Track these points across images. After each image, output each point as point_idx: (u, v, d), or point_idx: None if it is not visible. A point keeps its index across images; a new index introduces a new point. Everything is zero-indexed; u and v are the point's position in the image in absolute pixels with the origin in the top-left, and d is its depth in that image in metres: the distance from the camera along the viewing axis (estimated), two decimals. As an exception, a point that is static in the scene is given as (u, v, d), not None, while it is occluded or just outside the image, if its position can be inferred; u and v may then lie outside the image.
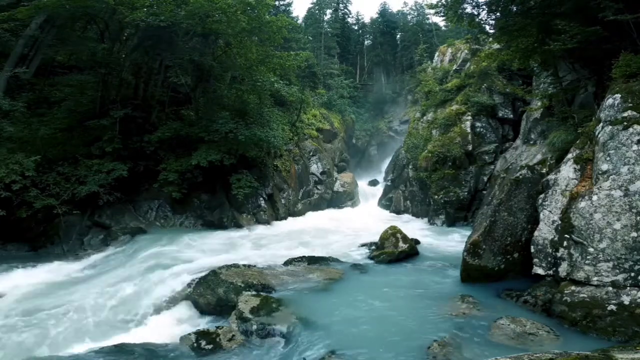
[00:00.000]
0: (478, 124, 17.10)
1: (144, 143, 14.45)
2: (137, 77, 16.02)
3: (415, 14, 46.52)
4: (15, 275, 9.39)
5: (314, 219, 18.40)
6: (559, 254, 6.42)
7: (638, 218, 5.71)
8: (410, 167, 19.43)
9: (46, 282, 9.03)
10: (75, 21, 14.46)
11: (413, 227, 15.46)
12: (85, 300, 7.63)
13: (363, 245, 11.86)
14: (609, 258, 5.81)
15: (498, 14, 10.91)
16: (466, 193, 15.95)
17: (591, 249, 5.99)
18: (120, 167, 12.97)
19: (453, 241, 12.30)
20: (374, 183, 27.76)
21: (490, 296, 7.09)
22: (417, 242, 11.67)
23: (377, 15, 49.31)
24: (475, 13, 11.47)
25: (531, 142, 13.75)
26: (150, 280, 8.55)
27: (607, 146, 6.31)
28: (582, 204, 6.27)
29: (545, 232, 6.77)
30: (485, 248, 7.65)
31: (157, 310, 7.49)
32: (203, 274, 7.99)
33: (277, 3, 32.05)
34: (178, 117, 16.48)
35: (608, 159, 6.24)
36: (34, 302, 7.73)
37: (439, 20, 39.80)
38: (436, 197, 16.21)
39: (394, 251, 10.22)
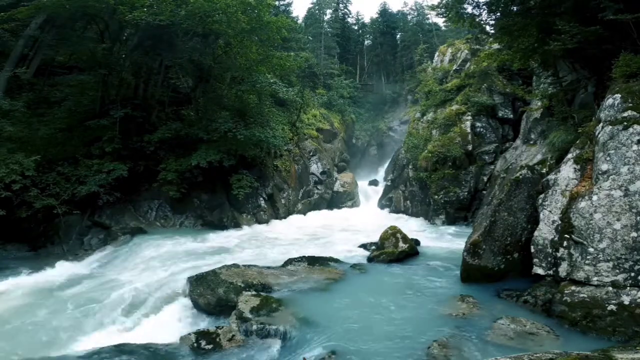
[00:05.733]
0: (478, 124, 17.10)
1: (144, 143, 14.46)
2: (137, 77, 16.03)
3: (415, 14, 46.58)
4: (15, 275, 9.38)
5: (314, 219, 18.41)
6: (559, 254, 6.41)
7: (638, 218, 5.71)
8: (410, 167, 19.42)
9: (46, 283, 9.02)
10: (75, 21, 14.47)
11: (413, 227, 15.47)
12: (85, 301, 7.64)
13: (363, 245, 11.86)
14: (609, 258, 5.81)
15: (498, 14, 10.90)
16: (466, 193, 15.96)
17: (591, 249, 5.99)
18: (120, 167, 12.97)
19: (453, 241, 12.30)
20: (374, 183, 27.72)
21: (490, 296, 7.09)
22: (417, 242, 11.67)
23: (377, 15, 49.33)
24: (476, 13, 11.47)
25: (531, 142, 13.75)
26: (150, 280, 8.55)
27: (607, 146, 6.31)
28: (582, 204, 6.27)
29: (545, 232, 6.76)
30: (485, 248, 7.65)
31: (157, 310, 7.48)
32: (203, 273, 7.98)
33: (277, 3, 32.05)
34: (178, 117, 16.49)
35: (608, 159, 6.23)
36: (33, 302, 7.73)
37: (439, 20, 39.79)
38: (436, 197, 16.21)
39: (394, 251, 10.22)
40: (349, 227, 16.02)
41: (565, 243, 6.35)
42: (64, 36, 14.24)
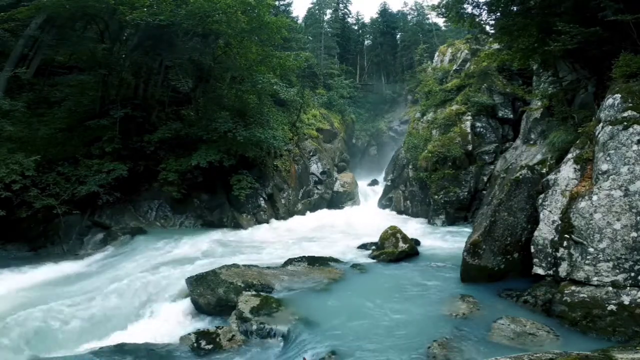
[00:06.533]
0: (478, 124, 17.09)
1: (144, 143, 14.45)
2: (137, 77, 16.02)
3: (415, 14, 46.63)
4: (15, 275, 9.36)
5: (314, 219, 18.39)
6: (559, 254, 6.41)
7: (638, 218, 5.71)
8: (410, 167, 19.42)
9: (46, 282, 9.02)
10: (75, 21, 14.46)
11: (413, 227, 15.46)
12: (84, 301, 7.63)
13: (363, 245, 11.85)
14: (609, 258, 5.81)
15: (498, 14, 10.90)
16: (466, 193, 15.95)
17: (591, 249, 5.99)
18: (120, 167, 12.97)
19: (453, 241, 12.30)
20: (374, 183, 27.74)
21: (490, 296, 7.09)
22: (417, 242, 11.66)
23: (377, 15, 49.42)
24: (476, 13, 11.47)
25: (531, 142, 13.74)
26: (150, 280, 8.54)
27: (607, 146, 6.31)
28: (582, 204, 6.27)
29: (545, 232, 6.77)
30: (485, 248, 7.65)
31: (157, 310, 7.48)
32: (203, 274, 7.98)
33: (277, 3, 32.04)
34: (178, 117, 16.48)
35: (608, 159, 6.23)
36: (33, 303, 7.71)
37: (439, 21, 39.88)
38: (436, 197, 16.21)
39: (394, 251, 10.22)
40: (349, 227, 16.01)
41: (565, 243, 6.35)
42: (64, 36, 14.23)
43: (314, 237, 14.01)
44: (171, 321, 7.15)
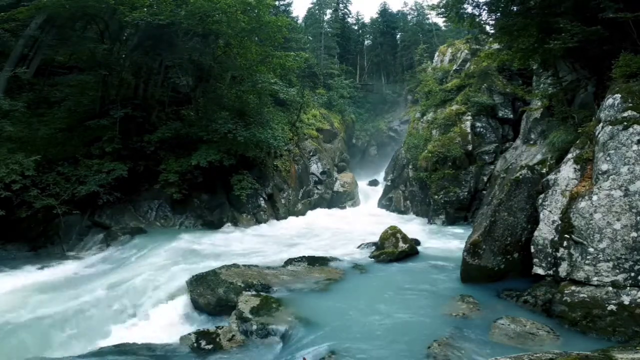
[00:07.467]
0: (478, 124, 17.10)
1: (144, 143, 14.45)
2: (137, 77, 16.02)
3: (415, 14, 46.61)
4: (15, 275, 9.36)
5: (314, 219, 18.40)
6: (559, 254, 6.41)
7: (638, 218, 5.71)
8: (410, 167, 19.43)
9: (46, 283, 9.00)
10: (75, 21, 14.46)
11: (413, 227, 15.45)
12: (85, 301, 7.63)
13: (363, 245, 11.84)
14: (609, 258, 5.81)
15: (498, 14, 10.91)
16: (466, 193, 15.96)
17: (591, 249, 5.99)
18: (120, 167, 12.97)
19: (453, 241, 12.30)
20: (374, 183, 27.75)
21: (490, 296, 7.09)
22: (417, 242, 11.66)
23: (377, 15, 49.40)
24: (476, 13, 11.48)
25: (531, 142, 13.74)
26: (150, 280, 8.53)
27: (607, 146, 6.31)
28: (582, 204, 6.27)
29: (545, 232, 6.77)
30: (485, 248, 7.65)
31: (157, 310, 7.47)
32: (203, 274, 7.98)
33: (277, 3, 32.01)
34: (178, 117, 16.48)
35: (608, 159, 6.23)
36: (32, 303, 7.71)
37: (439, 20, 39.85)
38: (436, 197, 16.22)
39: (394, 251, 10.22)
40: (349, 227, 16.00)
41: (565, 243, 6.35)
42: (64, 36, 14.23)
43: (314, 237, 14.01)
44: (171, 321, 7.15)
